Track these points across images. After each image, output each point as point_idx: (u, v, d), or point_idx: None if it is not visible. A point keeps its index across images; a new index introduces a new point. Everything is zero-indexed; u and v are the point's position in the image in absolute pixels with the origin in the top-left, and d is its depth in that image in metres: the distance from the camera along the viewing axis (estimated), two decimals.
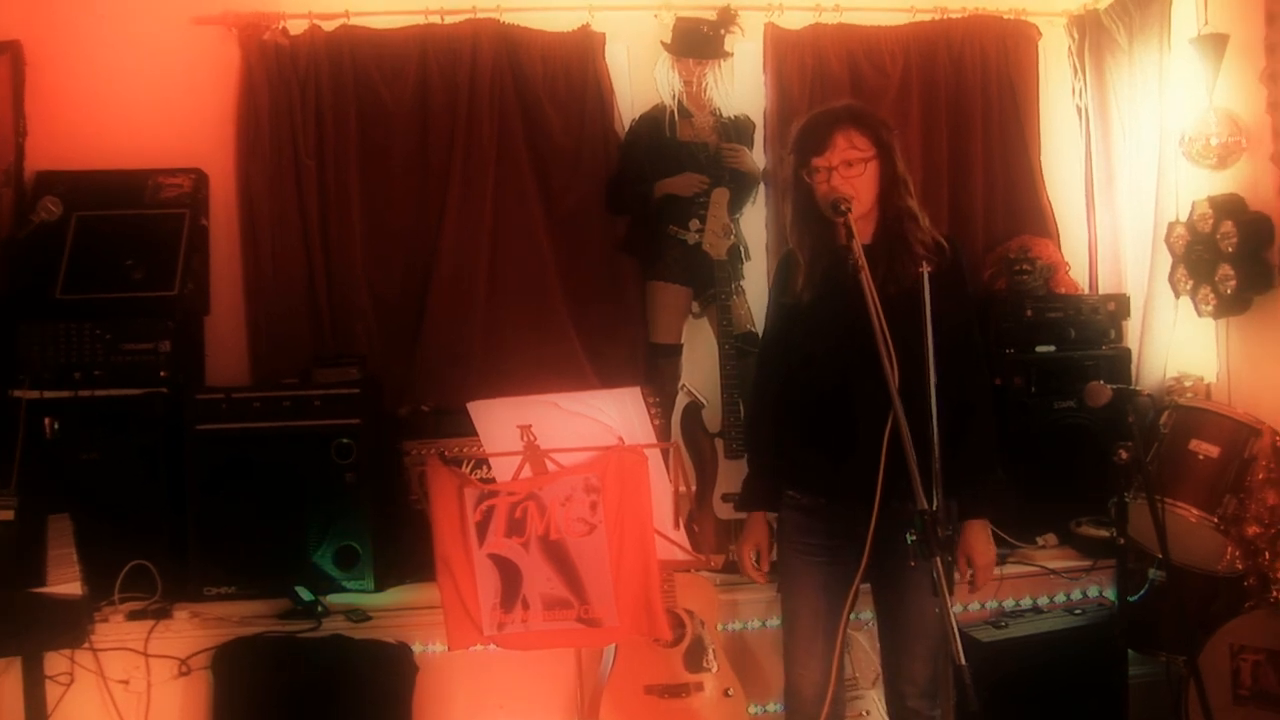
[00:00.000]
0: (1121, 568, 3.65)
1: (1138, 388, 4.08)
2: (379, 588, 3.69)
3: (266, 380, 4.15)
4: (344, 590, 3.66)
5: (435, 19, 4.50)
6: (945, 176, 4.75)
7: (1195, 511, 3.46)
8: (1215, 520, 3.44)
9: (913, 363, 2.37)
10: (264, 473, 3.66)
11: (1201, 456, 3.53)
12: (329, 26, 4.45)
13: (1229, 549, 3.45)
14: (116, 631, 3.42)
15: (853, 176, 2.63)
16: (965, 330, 2.74)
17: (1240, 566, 3.45)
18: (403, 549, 3.77)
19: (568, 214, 4.57)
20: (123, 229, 4.02)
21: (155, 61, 4.39)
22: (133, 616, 3.46)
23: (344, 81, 4.43)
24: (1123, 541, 3.53)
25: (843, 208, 2.54)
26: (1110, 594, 3.89)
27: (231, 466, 3.66)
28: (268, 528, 3.64)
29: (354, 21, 4.46)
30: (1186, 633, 3.47)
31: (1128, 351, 4.40)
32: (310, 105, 4.41)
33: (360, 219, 4.45)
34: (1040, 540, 4.09)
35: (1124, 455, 3.36)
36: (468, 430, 2.66)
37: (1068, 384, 4.18)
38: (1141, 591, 3.76)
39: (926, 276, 2.45)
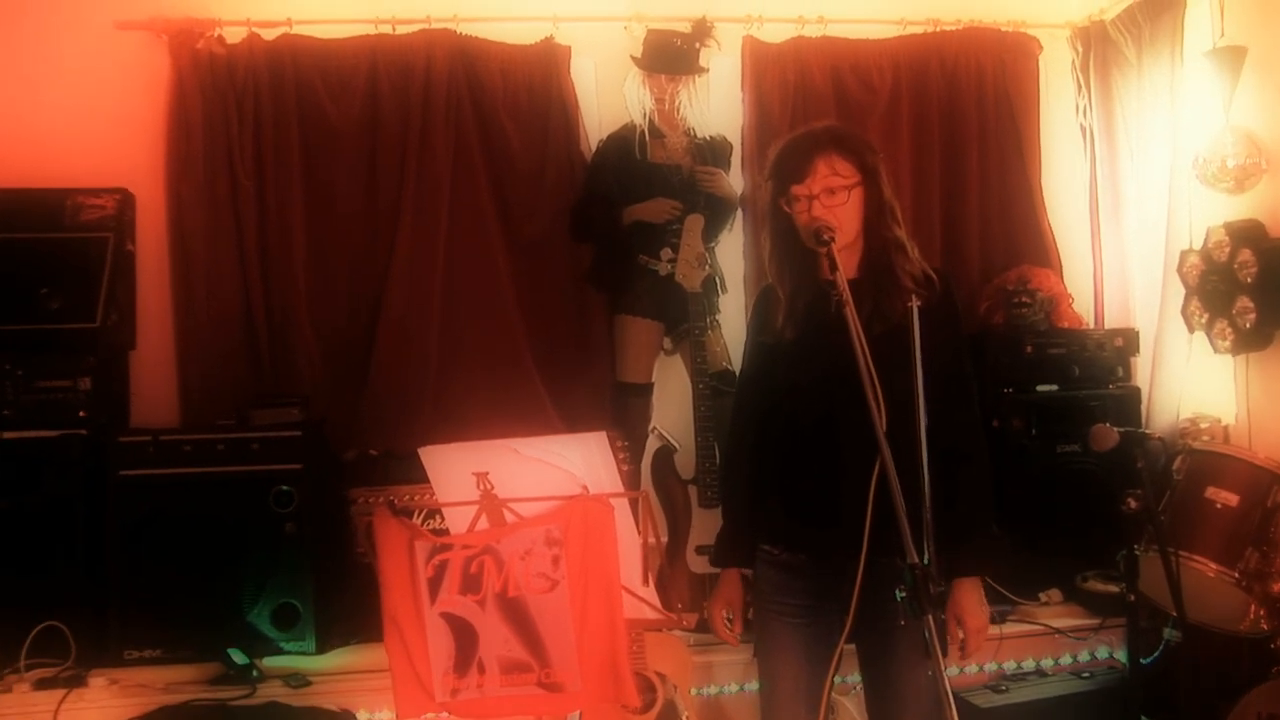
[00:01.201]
0: (1133, 627, 3.60)
1: (1148, 430, 4.06)
2: (321, 649, 3.68)
3: (199, 422, 4.16)
4: (282, 652, 3.65)
5: (386, 28, 4.54)
6: (938, 202, 4.82)
7: (1213, 565, 3.45)
8: (1236, 575, 3.43)
9: (901, 405, 2.37)
10: (195, 523, 3.66)
11: (1219, 505, 3.53)
12: (269, 35, 4.48)
13: (1252, 607, 3.43)
14: (21, 704, 3.38)
15: (835, 205, 2.63)
16: (958, 369, 2.75)
17: (1265, 626, 3.42)
18: (347, 607, 3.76)
19: (529, 241, 4.61)
20: (38, 254, 4.01)
21: (75, 70, 4.39)
22: (41, 685, 3.42)
23: (286, 95, 4.46)
24: (1134, 598, 3.48)
25: (825, 238, 2.55)
26: (1121, 656, 3.91)
27: (158, 516, 3.66)
28: (198, 584, 3.63)
29: (297, 30, 4.50)
30: (1206, 700, 3.47)
31: (1137, 391, 4.45)
32: (249, 120, 4.43)
33: (303, 245, 4.47)
34: (1043, 596, 4.12)
35: (1133, 504, 3.36)
36: (419, 477, 2.67)
37: (1071, 426, 4.22)
38: (1156, 653, 3.79)
39: (915, 312, 2.44)
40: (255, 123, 4.44)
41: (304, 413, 4.01)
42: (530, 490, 2.44)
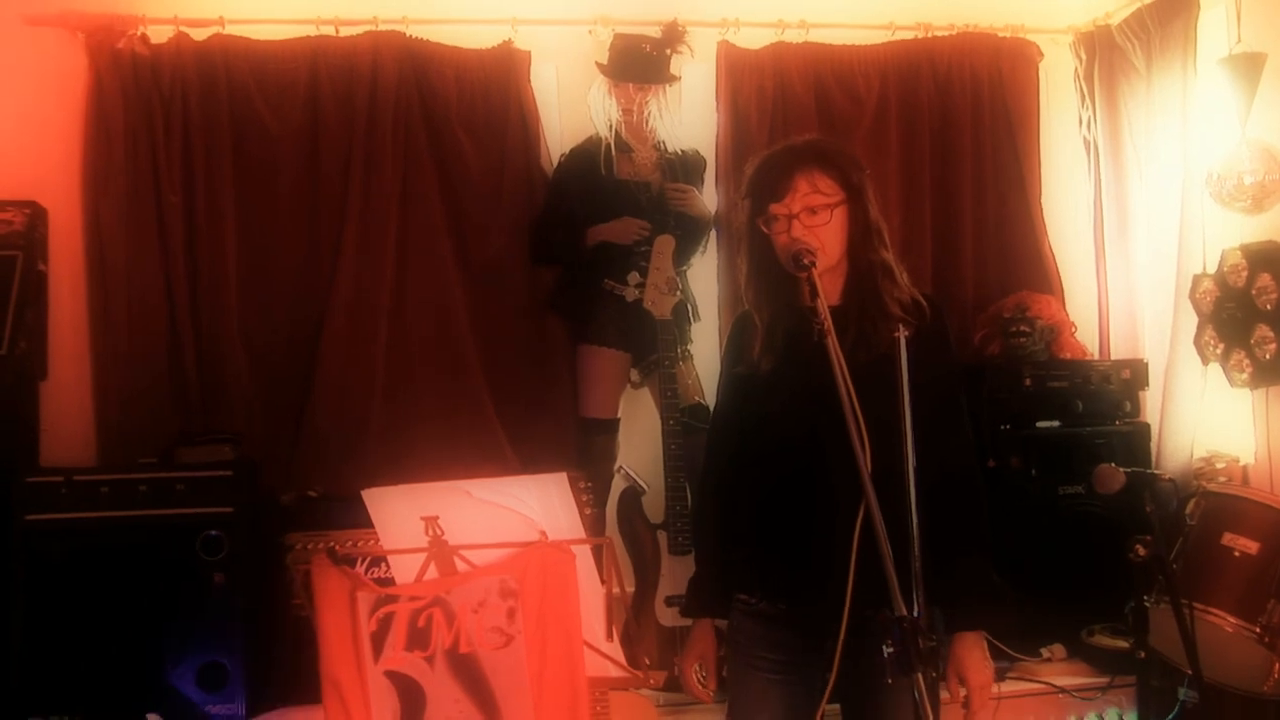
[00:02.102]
0: (1144, 686, 3.59)
1: (1158, 471, 4.12)
2: (251, 713, 3.65)
3: (118, 460, 4.14)
4: (208, 717, 3.62)
5: (328, 29, 4.56)
6: (929, 223, 4.88)
7: (1232, 619, 3.44)
8: (1257, 630, 3.41)
9: (888, 442, 2.38)
10: (112, 573, 3.63)
11: (1237, 553, 3.52)
12: (199, 35, 4.48)
13: (1276, 666, 3.40)
14: None
15: (817, 225, 2.65)
16: (950, 403, 2.77)
17: None
18: (282, 666, 3.74)
19: (485, 264, 4.62)
20: None
21: None
22: None
23: (218, 101, 4.46)
24: (1144, 655, 3.45)
25: (805, 262, 2.56)
26: (1131, 717, 3.91)
27: (71, 565, 3.63)
28: (115, 640, 3.61)
29: (230, 30, 4.50)
30: None
31: (1146, 427, 4.49)
32: (176, 129, 4.43)
33: (237, 267, 4.46)
34: (1045, 652, 4.15)
35: (1142, 551, 3.32)
36: (363, 521, 2.67)
37: (1074, 466, 4.26)
38: (1170, 716, 3.80)
39: (903, 341, 2.45)
40: (183, 131, 4.44)
41: (236, 451, 4.00)
42: (484, 536, 2.43)
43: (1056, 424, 4.40)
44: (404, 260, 4.55)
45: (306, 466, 4.36)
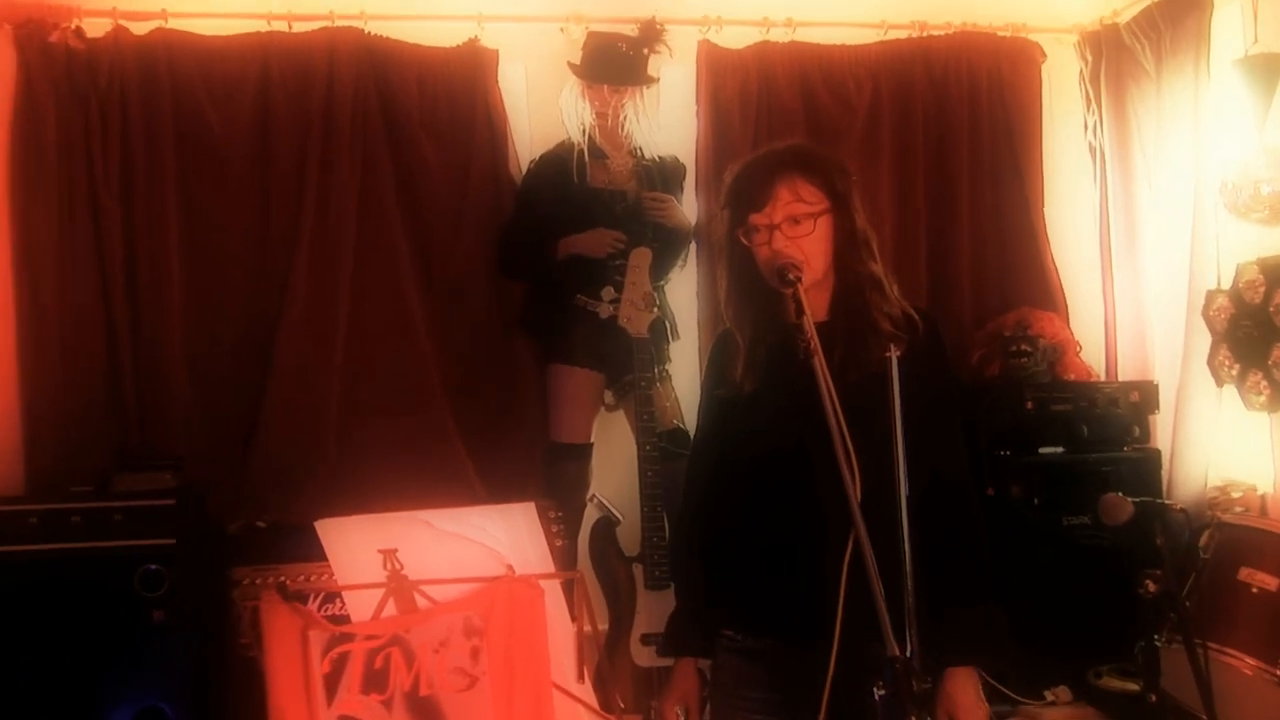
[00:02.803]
0: None
1: (1169, 500, 4.05)
2: None
3: (49, 489, 4.10)
4: None
5: (280, 25, 4.58)
6: (923, 235, 4.91)
7: (1250, 661, 3.43)
8: (1278, 673, 3.40)
9: (880, 468, 2.39)
10: (42, 611, 3.62)
11: (1256, 589, 3.53)
12: (140, 29, 4.48)
13: None
14: None
15: (800, 235, 2.65)
16: (945, 425, 2.77)
17: None
18: (227, 710, 3.73)
19: (449, 278, 4.64)
20: None
21: None
22: None
23: (160, 101, 4.47)
24: (1155, 698, 3.46)
25: (790, 276, 2.56)
26: None
27: None
28: (45, 684, 3.59)
29: (173, 24, 4.50)
30: None
31: (1157, 454, 4.51)
32: (114, 130, 4.43)
33: (181, 280, 4.46)
34: (1050, 695, 4.16)
35: (1152, 587, 3.32)
36: (316, 554, 2.66)
37: (1080, 495, 4.26)
38: None
39: (895, 360, 2.47)
40: (122, 134, 4.44)
41: (178, 477, 3.99)
42: (446, 571, 2.43)
43: (1060, 450, 4.42)
44: (361, 274, 4.55)
45: (255, 495, 4.35)
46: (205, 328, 4.51)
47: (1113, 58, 4.93)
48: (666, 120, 4.73)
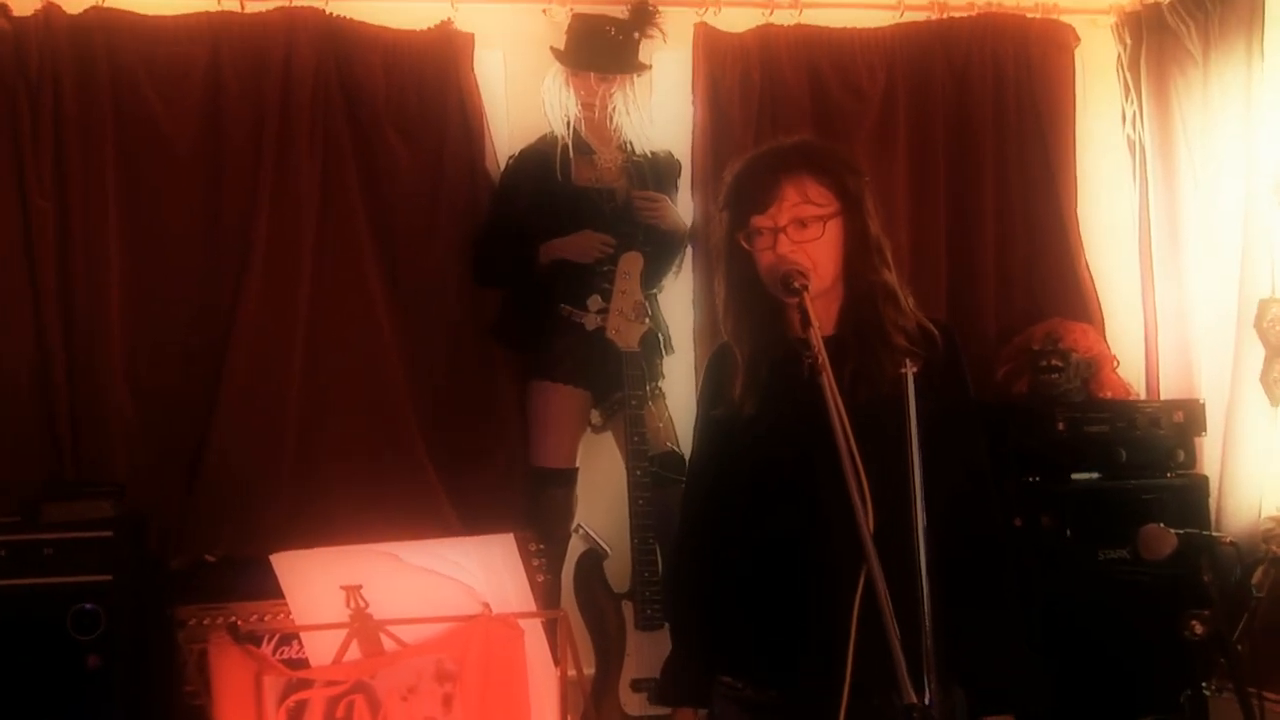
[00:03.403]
0: None
1: (1217, 533, 4.09)
2: None
3: None
4: None
5: (232, 4, 4.58)
6: (943, 238, 4.93)
7: None
8: None
9: (894, 497, 2.39)
10: None
11: None
12: (73, 7, 4.47)
13: None
14: None
15: (807, 240, 2.65)
16: (967, 449, 2.79)
17: None
18: None
19: (419, 286, 4.66)
20: None
21: None
22: None
23: (97, 88, 4.46)
24: None
25: (797, 285, 2.56)
26: None
27: None
28: None
29: (111, 3, 4.49)
30: None
31: (1203, 480, 4.52)
32: (46, 121, 4.42)
33: (121, 287, 4.46)
34: None
35: (1199, 629, 3.30)
36: (271, 591, 2.68)
37: (1117, 526, 4.23)
38: None
39: (910, 377, 2.47)
40: (55, 123, 4.42)
41: (117, 506, 3.97)
42: (416, 610, 2.44)
43: (1095, 476, 4.44)
44: (322, 281, 4.56)
45: (203, 525, 4.35)
46: (149, 338, 4.51)
47: (1154, 41, 4.94)
48: (660, 112, 4.76)
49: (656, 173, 4.68)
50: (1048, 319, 4.80)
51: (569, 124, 4.56)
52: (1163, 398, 4.90)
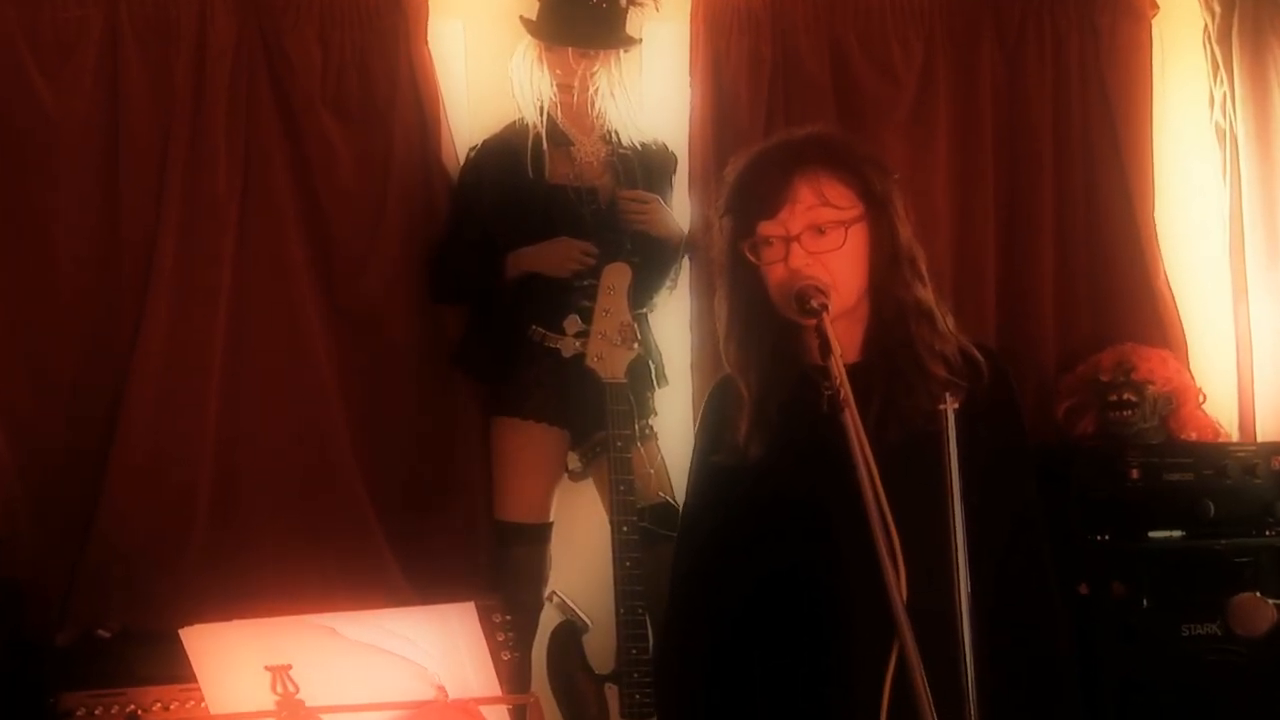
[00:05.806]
0: None
1: None
2: None
3: None
4: None
5: None
6: (991, 247, 4.95)
7: None
8: None
9: (929, 559, 2.40)
10: None
11: None
12: None
13: None
14: None
15: (826, 251, 2.67)
16: (1019, 503, 2.82)
17: None
18: None
19: (362, 305, 4.68)
20: None
21: None
22: None
23: None
24: None
25: (814, 304, 2.58)
26: None
27: None
28: None
29: None
30: None
31: None
32: None
33: None
34: None
35: None
36: (180, 673, 2.69)
37: (1205, 595, 4.28)
38: None
39: (950, 413, 2.45)
40: None
41: None
42: (357, 695, 2.46)
43: (1178, 534, 4.43)
44: (244, 299, 4.57)
45: (96, 593, 4.34)
46: (30, 372, 4.50)
47: (1249, 8, 4.95)
48: (651, 95, 4.78)
49: (647, 168, 4.69)
50: (1118, 344, 4.81)
51: (542, 109, 4.56)
52: (1259, 439, 4.90)
